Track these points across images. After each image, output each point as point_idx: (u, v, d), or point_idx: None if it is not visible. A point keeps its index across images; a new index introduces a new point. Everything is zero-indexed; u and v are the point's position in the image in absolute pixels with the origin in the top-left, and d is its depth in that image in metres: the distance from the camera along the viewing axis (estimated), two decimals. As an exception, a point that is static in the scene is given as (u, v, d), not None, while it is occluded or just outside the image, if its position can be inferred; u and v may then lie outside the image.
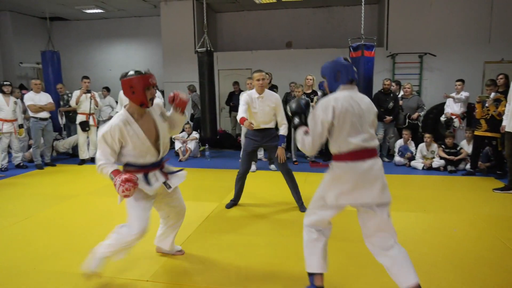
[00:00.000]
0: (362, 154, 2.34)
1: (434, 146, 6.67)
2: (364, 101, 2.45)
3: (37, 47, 9.83)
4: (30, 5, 9.67)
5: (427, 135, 6.72)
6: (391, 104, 6.99)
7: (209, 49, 7.24)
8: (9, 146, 6.98)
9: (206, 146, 7.80)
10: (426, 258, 3.23)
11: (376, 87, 7.31)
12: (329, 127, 2.32)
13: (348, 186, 2.32)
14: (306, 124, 2.48)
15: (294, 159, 7.14)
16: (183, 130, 8.19)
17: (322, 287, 2.55)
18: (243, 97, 4.34)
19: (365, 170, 2.32)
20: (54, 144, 7.73)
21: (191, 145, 7.83)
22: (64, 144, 7.88)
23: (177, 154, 7.80)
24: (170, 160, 3.11)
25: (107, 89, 8.95)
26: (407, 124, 7.21)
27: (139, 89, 2.52)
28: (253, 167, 6.60)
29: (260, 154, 7.39)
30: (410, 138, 7.00)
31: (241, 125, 4.55)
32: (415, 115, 7.17)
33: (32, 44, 10.48)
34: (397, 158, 6.95)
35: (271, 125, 4.42)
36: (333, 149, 2.39)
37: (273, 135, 4.43)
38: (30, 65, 10.64)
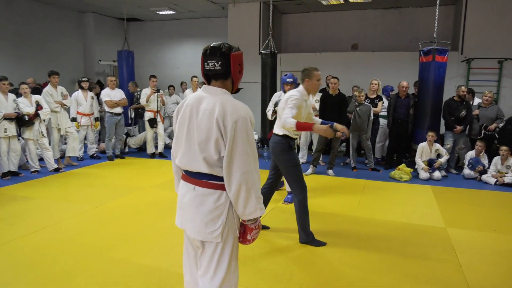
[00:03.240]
0: None
1: (511, 160, 6.12)
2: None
3: (114, 46, 10.60)
4: (111, 6, 10.41)
5: (503, 147, 6.17)
6: (463, 113, 6.53)
7: (273, 51, 7.29)
8: (85, 138, 7.62)
9: (265, 147, 7.88)
10: (494, 282, 3.00)
11: (448, 94, 6.88)
12: None
13: None
14: None
15: (353, 165, 6.95)
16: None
17: None
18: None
19: None
20: (127, 141, 8.27)
21: (251, 145, 7.93)
22: (136, 141, 8.37)
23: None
24: None
25: (173, 87, 9.37)
26: (482, 135, 6.66)
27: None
28: (310, 170, 6.55)
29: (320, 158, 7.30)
30: (484, 151, 6.48)
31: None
32: (492, 126, 6.58)
33: (110, 43, 11.30)
34: (466, 171, 6.47)
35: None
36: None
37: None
38: (107, 63, 11.48)
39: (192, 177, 1.91)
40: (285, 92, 5.41)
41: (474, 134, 6.77)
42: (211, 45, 1.90)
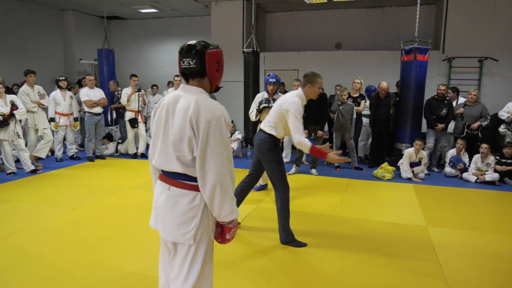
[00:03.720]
0: None
1: (491, 158, 6.19)
2: None
3: (96, 44, 10.36)
4: (92, 4, 10.18)
5: (483, 145, 6.22)
6: (444, 111, 6.58)
7: (255, 49, 7.23)
8: (64, 139, 7.43)
9: (248, 146, 7.82)
10: (473, 282, 3.00)
11: (430, 93, 6.93)
12: None
13: None
14: None
15: (337, 164, 6.94)
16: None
17: None
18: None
19: None
20: (118, 148, 8.06)
21: (234, 145, 7.87)
22: (125, 147, 8.03)
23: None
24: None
25: (157, 86, 9.22)
26: (465, 134, 6.68)
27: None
28: (293, 169, 6.51)
29: (303, 157, 7.27)
30: (465, 149, 6.53)
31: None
32: (475, 125, 6.57)
33: (91, 41, 11.06)
34: (448, 169, 6.52)
35: None
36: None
37: None
38: (88, 62, 11.24)
39: (167, 176, 1.87)
40: (268, 92, 5.35)
41: (458, 133, 6.81)
42: (188, 43, 1.88)
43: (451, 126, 6.90)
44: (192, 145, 1.76)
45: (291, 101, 3.37)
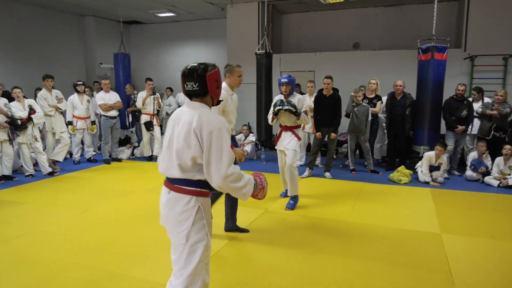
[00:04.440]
0: None
1: (515, 161, 5.89)
2: None
3: (115, 49, 10.56)
4: (111, 10, 10.39)
5: (507, 146, 5.89)
6: (464, 113, 6.30)
7: (268, 51, 7.16)
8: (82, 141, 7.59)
9: (262, 149, 7.75)
10: (484, 295, 2.83)
11: (451, 93, 6.65)
12: None
13: None
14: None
15: (352, 167, 6.77)
16: (240, 132, 8.24)
17: None
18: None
19: None
20: (134, 152, 8.17)
21: (248, 147, 7.82)
22: (141, 151, 8.11)
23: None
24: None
25: (171, 89, 9.28)
26: (491, 136, 6.29)
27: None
28: (306, 172, 6.40)
29: (318, 160, 7.14)
30: (488, 152, 6.21)
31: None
32: (494, 110, 6.17)
33: (110, 46, 11.26)
34: (469, 173, 6.24)
35: None
36: None
37: None
38: (108, 66, 11.46)
39: (169, 182, 2.11)
40: (282, 93, 5.18)
41: (483, 134, 6.47)
42: (188, 66, 2.10)
43: (476, 127, 6.59)
44: (196, 153, 1.99)
45: None
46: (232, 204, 3.93)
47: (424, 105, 6.40)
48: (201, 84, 2.06)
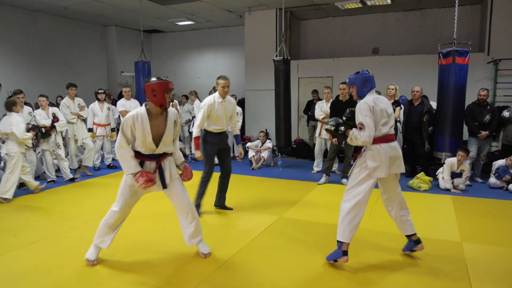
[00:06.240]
0: (390, 137, 3.23)
1: (542, 168, 5.66)
2: (383, 100, 3.31)
3: (136, 57, 10.79)
4: (132, 19, 10.66)
5: (533, 154, 5.71)
6: (487, 117, 6.12)
7: (286, 57, 7.16)
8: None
9: (279, 155, 7.72)
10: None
11: (473, 98, 6.47)
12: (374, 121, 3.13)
13: (382, 160, 3.14)
14: (351, 128, 3.35)
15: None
16: (257, 139, 8.24)
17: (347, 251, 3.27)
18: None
19: (392, 149, 3.20)
20: None
21: (264, 154, 7.82)
22: None
23: (250, 162, 7.86)
24: (244, 168, 3.47)
25: (186, 97, 9.35)
26: None
27: (161, 92, 3.05)
28: (323, 179, 6.33)
29: (335, 166, 7.05)
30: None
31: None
32: None
33: (131, 55, 11.52)
34: (492, 180, 6.03)
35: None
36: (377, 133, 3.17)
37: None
38: (129, 74, 11.74)
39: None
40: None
41: (509, 141, 6.25)
42: None
43: (502, 133, 6.38)
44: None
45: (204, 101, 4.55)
46: (221, 188, 4.86)
47: (446, 111, 6.24)
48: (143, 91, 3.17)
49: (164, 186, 3.27)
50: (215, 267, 3.28)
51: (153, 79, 3.11)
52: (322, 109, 7.01)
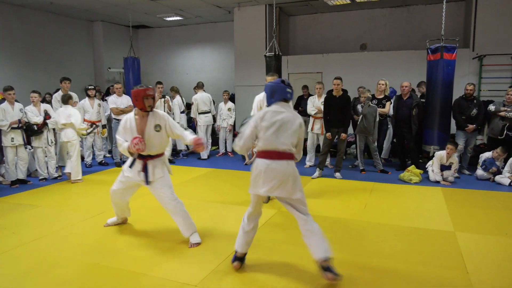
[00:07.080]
0: (271, 154, 2.86)
1: (526, 160, 5.88)
2: (287, 115, 2.92)
3: (123, 53, 10.66)
4: (119, 15, 10.52)
5: (518, 146, 5.93)
6: (474, 111, 6.32)
7: (277, 53, 7.22)
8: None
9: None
10: (501, 291, 2.85)
11: (459, 92, 6.66)
12: (256, 131, 2.93)
13: (253, 176, 2.95)
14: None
15: (362, 168, 6.80)
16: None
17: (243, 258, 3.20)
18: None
19: (268, 165, 2.86)
20: None
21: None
22: None
23: (243, 158, 7.90)
24: (236, 163, 3.39)
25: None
26: (504, 136, 6.19)
27: (139, 98, 3.50)
28: (316, 173, 6.43)
29: (327, 160, 7.16)
30: (504, 157, 6.16)
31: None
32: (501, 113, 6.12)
33: (119, 50, 11.40)
34: (480, 172, 6.24)
35: None
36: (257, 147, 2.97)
37: None
38: (117, 70, 11.61)
39: None
40: None
41: (495, 134, 6.45)
42: None
43: (487, 127, 6.58)
44: None
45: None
46: None
47: (434, 105, 6.42)
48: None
49: (147, 182, 3.67)
50: (220, 260, 3.34)
51: (137, 86, 3.58)
52: (314, 104, 7.10)
